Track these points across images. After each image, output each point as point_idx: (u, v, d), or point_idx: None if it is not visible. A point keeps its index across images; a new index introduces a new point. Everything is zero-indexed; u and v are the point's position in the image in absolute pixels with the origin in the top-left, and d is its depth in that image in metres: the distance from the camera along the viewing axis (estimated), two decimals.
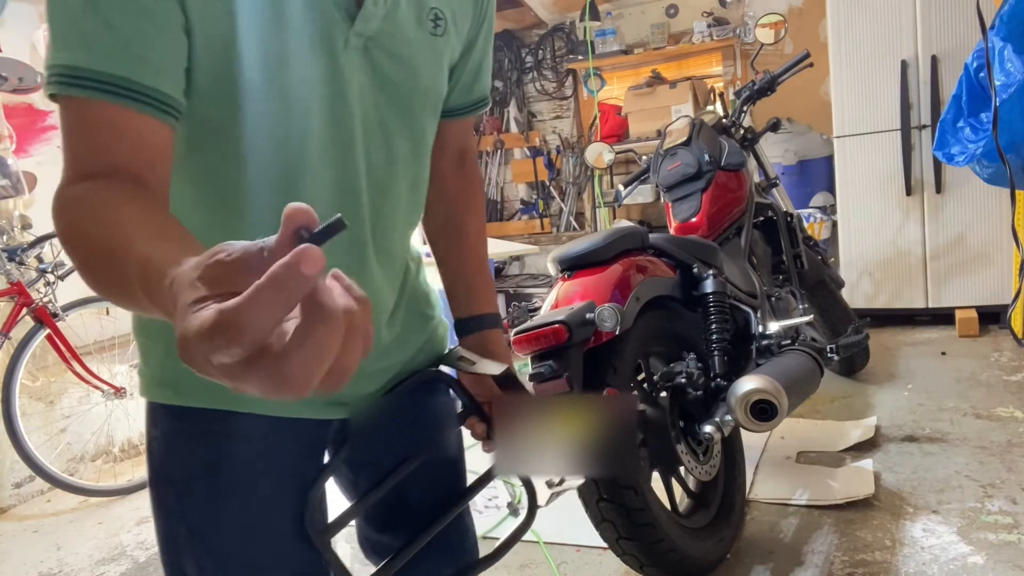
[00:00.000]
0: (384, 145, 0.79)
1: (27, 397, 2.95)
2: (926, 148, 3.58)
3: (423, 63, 0.80)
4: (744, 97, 2.76)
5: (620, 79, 5.18)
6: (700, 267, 2.01)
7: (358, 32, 0.73)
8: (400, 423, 0.91)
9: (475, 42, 0.90)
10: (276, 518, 0.80)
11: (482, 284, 1.02)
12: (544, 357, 1.61)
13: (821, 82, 4.20)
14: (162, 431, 0.80)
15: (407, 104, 0.80)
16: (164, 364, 0.79)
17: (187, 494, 0.79)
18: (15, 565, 2.45)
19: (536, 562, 2.01)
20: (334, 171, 0.75)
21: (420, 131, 0.84)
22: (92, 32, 0.60)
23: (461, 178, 1.01)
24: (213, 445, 0.79)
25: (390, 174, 0.81)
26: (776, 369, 1.79)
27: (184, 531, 0.79)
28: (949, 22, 3.49)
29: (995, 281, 3.57)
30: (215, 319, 0.35)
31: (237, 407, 0.78)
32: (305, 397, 0.37)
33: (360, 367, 0.84)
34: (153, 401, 0.81)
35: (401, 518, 0.92)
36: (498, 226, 5.55)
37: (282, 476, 0.81)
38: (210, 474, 0.78)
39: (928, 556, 1.80)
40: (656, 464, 1.79)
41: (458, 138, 0.98)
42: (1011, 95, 2.35)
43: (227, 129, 0.69)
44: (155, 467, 0.81)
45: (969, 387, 2.86)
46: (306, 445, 0.85)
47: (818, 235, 4.06)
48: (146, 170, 0.64)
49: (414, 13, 0.78)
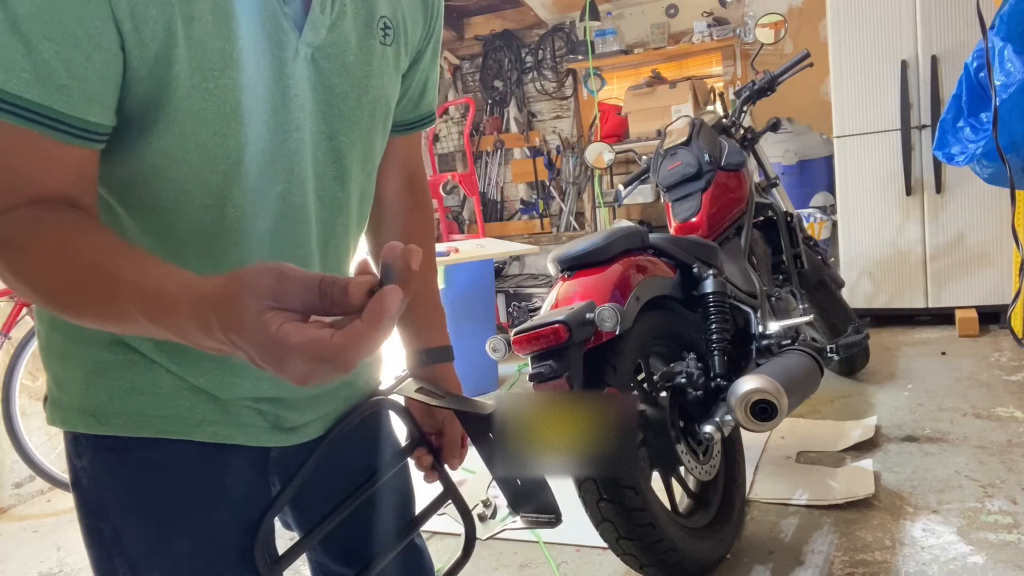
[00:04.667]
0: (334, 159, 0.77)
1: (27, 397, 2.95)
2: (926, 148, 3.58)
3: (371, 73, 0.77)
4: (744, 97, 2.76)
5: (620, 79, 5.18)
6: (700, 267, 2.01)
7: (307, 42, 0.70)
8: (347, 454, 0.88)
9: (423, 55, 0.88)
10: (220, 549, 0.76)
11: (435, 315, 0.99)
12: (544, 357, 1.61)
13: (821, 82, 4.20)
14: (88, 462, 0.75)
15: (355, 115, 0.77)
16: (85, 391, 0.73)
17: (123, 526, 0.74)
18: (15, 565, 2.45)
19: (536, 562, 2.01)
20: (281, 184, 0.72)
21: (370, 143, 0.81)
22: (13, 57, 0.56)
23: (410, 202, 0.98)
24: (145, 474, 0.74)
25: (340, 188, 0.78)
26: (776, 369, 1.79)
27: (124, 566, 0.74)
28: (949, 22, 3.50)
29: (995, 281, 3.57)
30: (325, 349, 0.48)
31: (167, 434, 0.74)
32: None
33: (300, 392, 0.83)
34: (75, 431, 0.75)
35: (360, 548, 0.90)
36: (498, 226, 5.55)
37: (223, 505, 0.77)
38: (145, 505, 0.74)
39: (928, 556, 1.80)
40: (656, 464, 1.79)
41: (406, 157, 0.96)
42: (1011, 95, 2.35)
43: (163, 139, 0.66)
44: (86, 500, 0.76)
45: (969, 387, 2.86)
46: (248, 473, 0.80)
47: (818, 235, 4.06)
48: (77, 194, 0.63)
49: (363, 21, 0.76)
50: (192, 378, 0.74)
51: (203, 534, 0.76)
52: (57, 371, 0.76)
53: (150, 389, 0.73)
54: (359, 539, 0.90)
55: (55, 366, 0.76)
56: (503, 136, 5.49)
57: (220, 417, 0.76)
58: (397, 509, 0.95)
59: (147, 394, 0.73)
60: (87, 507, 0.76)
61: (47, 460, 2.84)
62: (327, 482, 0.86)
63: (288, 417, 0.81)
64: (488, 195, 5.64)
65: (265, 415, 0.79)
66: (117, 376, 0.73)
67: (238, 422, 0.78)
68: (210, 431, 0.76)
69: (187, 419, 0.75)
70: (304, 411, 0.83)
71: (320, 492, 0.86)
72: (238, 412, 0.77)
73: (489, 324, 3.77)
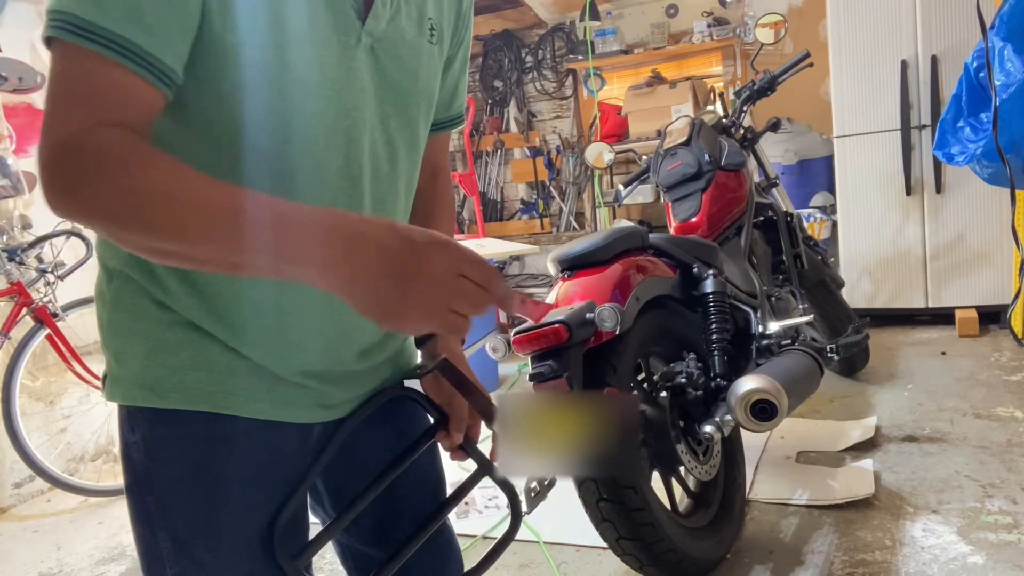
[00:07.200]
0: (386, 142, 0.82)
1: (27, 397, 2.95)
2: (926, 148, 3.58)
3: (421, 66, 0.84)
4: (744, 97, 2.76)
5: (620, 79, 5.18)
6: (700, 267, 2.01)
7: (369, 31, 0.77)
8: (371, 441, 0.90)
9: (454, 60, 0.95)
10: (262, 526, 0.79)
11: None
12: (544, 357, 1.61)
13: (821, 82, 4.20)
14: (142, 436, 0.77)
15: (405, 104, 0.83)
16: (145, 365, 0.76)
17: (170, 502, 0.76)
18: (15, 565, 2.45)
19: (536, 562, 2.01)
20: (339, 158, 0.77)
21: (416, 132, 0.87)
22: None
23: (432, 193, 1.02)
24: (198, 447, 0.77)
25: (391, 170, 0.84)
26: (776, 369, 1.79)
27: (167, 540, 0.76)
28: (949, 22, 3.49)
29: (995, 281, 3.57)
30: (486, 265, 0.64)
31: (221, 408, 0.77)
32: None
33: (347, 367, 0.85)
34: (131, 405, 0.78)
35: (390, 530, 0.91)
36: (498, 226, 5.55)
37: (269, 482, 0.80)
38: (194, 478, 0.76)
39: (928, 556, 1.80)
40: (656, 464, 1.79)
41: (433, 153, 1.00)
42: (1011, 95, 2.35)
43: (231, 105, 0.70)
44: (135, 474, 0.78)
45: (969, 387, 2.86)
46: (297, 450, 0.83)
47: (818, 235, 4.06)
48: (146, 133, 0.65)
49: (415, 20, 0.83)
50: (249, 350, 0.77)
51: (247, 510, 0.78)
52: (118, 348, 0.79)
53: (207, 366, 0.77)
54: (390, 520, 0.92)
55: (116, 344, 0.79)
56: (503, 136, 5.49)
57: (269, 395, 0.79)
58: (427, 492, 0.96)
59: (204, 370, 0.76)
60: (136, 481, 0.78)
61: (47, 460, 2.84)
62: (363, 464, 0.89)
63: (333, 394, 0.85)
64: (488, 195, 5.64)
65: (311, 392, 0.82)
66: (177, 352, 0.76)
67: (286, 400, 0.81)
68: (258, 408, 0.79)
69: (239, 395, 0.78)
70: (348, 388, 0.87)
71: (357, 474, 0.89)
72: (287, 390, 0.81)
73: (489, 324, 3.77)
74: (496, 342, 1.74)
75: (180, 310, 0.76)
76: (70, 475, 2.94)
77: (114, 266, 0.79)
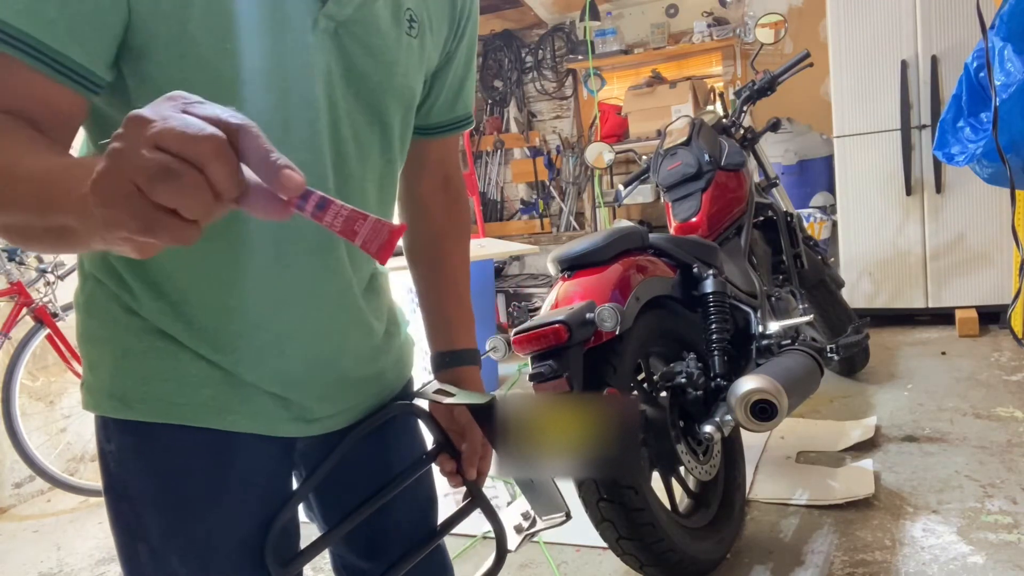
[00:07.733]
0: (353, 138, 0.77)
1: (27, 397, 2.95)
2: (926, 148, 3.58)
3: (397, 59, 0.78)
4: (744, 97, 2.76)
5: (620, 79, 5.18)
6: (700, 267, 2.01)
7: (328, 14, 0.71)
8: (369, 457, 0.88)
9: (454, 55, 0.89)
10: (238, 538, 0.77)
11: (461, 318, 0.98)
12: (544, 357, 1.61)
13: (821, 82, 4.20)
14: (116, 446, 0.76)
15: (376, 98, 0.78)
16: (114, 376, 0.75)
17: (146, 512, 0.75)
18: (15, 565, 2.45)
19: (536, 562, 2.01)
20: (297, 153, 0.71)
21: (390, 130, 0.81)
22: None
23: (446, 205, 0.98)
24: (167, 460, 0.75)
25: (359, 169, 0.78)
26: (776, 369, 1.79)
27: (145, 551, 0.75)
28: (949, 22, 3.49)
29: (995, 281, 3.57)
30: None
31: (189, 421, 0.74)
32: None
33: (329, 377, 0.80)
34: (104, 416, 0.76)
35: (381, 546, 0.90)
36: (498, 226, 5.55)
37: (243, 494, 0.77)
38: (167, 492, 0.75)
39: (928, 556, 1.80)
40: (656, 464, 1.79)
41: (442, 159, 0.96)
42: (1011, 95, 2.35)
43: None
44: (112, 484, 0.77)
45: (969, 387, 2.86)
46: (271, 464, 0.81)
47: (818, 235, 4.06)
48: (55, 127, 0.62)
49: (390, 9, 0.77)
50: (221, 359, 0.75)
51: (221, 522, 0.76)
52: (91, 356, 0.77)
53: (176, 376, 0.74)
54: (383, 535, 0.90)
55: (89, 351, 0.77)
56: (503, 136, 5.49)
57: (244, 407, 0.77)
58: (420, 513, 0.94)
59: (172, 381, 0.74)
60: (114, 491, 0.77)
61: (47, 460, 2.84)
62: (356, 478, 0.87)
63: (312, 408, 0.82)
64: (488, 195, 5.64)
65: (290, 404, 0.80)
66: (145, 362, 0.74)
67: (262, 411, 0.78)
68: (231, 420, 0.76)
69: (210, 407, 0.75)
70: (328, 402, 0.83)
71: (348, 487, 0.87)
72: (262, 401, 0.78)
73: (489, 324, 3.77)
74: (496, 342, 1.74)
75: (148, 316, 0.74)
76: (70, 475, 2.94)
77: (88, 270, 0.77)
